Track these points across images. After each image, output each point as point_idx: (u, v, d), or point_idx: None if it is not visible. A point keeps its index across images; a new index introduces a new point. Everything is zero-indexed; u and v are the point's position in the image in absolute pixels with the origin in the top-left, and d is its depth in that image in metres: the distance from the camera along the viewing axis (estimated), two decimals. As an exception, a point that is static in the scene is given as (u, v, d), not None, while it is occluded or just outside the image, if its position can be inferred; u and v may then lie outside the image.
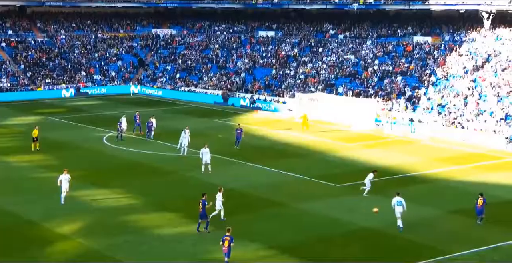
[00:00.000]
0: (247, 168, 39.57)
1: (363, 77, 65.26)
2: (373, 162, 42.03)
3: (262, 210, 31.69)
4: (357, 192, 34.37)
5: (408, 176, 38.70)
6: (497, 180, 37.34)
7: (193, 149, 44.75)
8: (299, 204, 32.74)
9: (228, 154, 42.80)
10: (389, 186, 35.63)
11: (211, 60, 79.97)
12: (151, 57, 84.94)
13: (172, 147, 45.45)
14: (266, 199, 33.28)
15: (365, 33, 74.38)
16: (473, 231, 29.40)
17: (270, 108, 63.66)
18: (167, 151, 44.19)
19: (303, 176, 37.78)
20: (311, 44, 76.27)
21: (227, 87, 71.41)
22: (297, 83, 68.11)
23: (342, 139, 49.63)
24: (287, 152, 44.81)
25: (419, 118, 54.26)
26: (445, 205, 33.09)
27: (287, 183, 36.78)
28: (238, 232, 28.06)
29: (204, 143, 39.65)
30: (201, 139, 47.55)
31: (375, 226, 29.62)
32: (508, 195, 35.05)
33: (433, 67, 62.65)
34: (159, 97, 73.12)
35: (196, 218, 29.59)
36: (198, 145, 45.38)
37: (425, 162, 42.31)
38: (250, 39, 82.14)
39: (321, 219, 30.56)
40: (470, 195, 34.64)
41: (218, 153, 42.60)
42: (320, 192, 34.90)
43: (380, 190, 34.09)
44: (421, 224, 30.12)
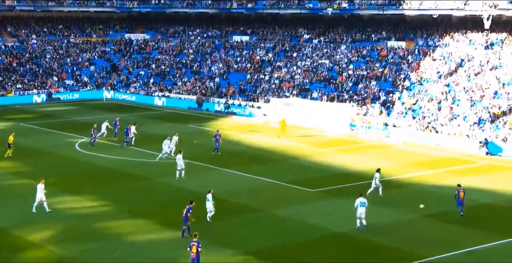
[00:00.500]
0: (222, 174, 39.57)
1: (338, 82, 65.65)
2: (348, 167, 42.26)
3: (238, 215, 31.69)
4: (331, 197, 34.48)
5: (382, 181, 38.93)
6: (471, 184, 37.77)
7: (170, 155, 44.59)
8: (274, 209, 32.79)
9: (203, 160, 42.73)
10: (364, 190, 35.81)
11: (185, 65, 79.87)
12: (124, 62, 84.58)
13: (146, 153, 45.29)
14: (242, 204, 33.29)
15: (339, 38, 74.86)
16: (448, 235, 29.69)
17: (245, 113, 63.74)
18: (141, 157, 44.00)
19: (278, 182, 37.86)
20: (285, 49, 76.56)
21: (201, 92, 71.36)
22: (272, 88, 68.31)
23: (316, 144, 49.83)
24: (262, 157, 44.88)
25: (393, 122, 54.70)
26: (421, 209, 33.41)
27: (262, 188, 36.82)
28: (214, 238, 28.03)
29: (178, 149, 39.65)
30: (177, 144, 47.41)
31: (351, 231, 29.78)
32: (482, 199, 35.48)
33: (407, 71, 63.25)
34: (133, 103, 72.80)
35: (170, 224, 29.53)
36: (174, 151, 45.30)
37: (399, 167, 42.65)
38: (225, 44, 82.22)
39: (296, 224, 30.64)
40: (445, 199, 35.04)
41: (194, 158, 42.52)
42: (295, 197, 34.98)
43: (355, 194, 34.23)
44: (396, 228, 30.35)
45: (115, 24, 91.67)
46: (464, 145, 48.57)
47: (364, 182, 38.09)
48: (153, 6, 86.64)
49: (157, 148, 46.40)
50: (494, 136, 48.35)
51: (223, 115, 64.16)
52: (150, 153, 45.30)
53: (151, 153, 45.19)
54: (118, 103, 73.07)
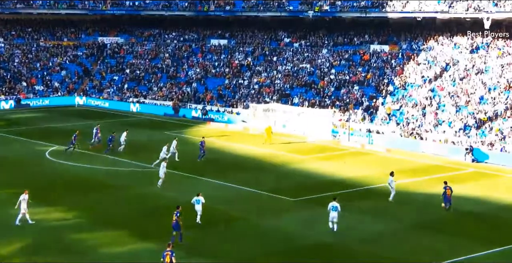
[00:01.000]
0: (200, 183, 39.67)
1: (319, 86, 66.09)
2: (329, 174, 42.59)
3: (216, 226, 31.83)
4: (312, 206, 34.74)
5: (366, 189, 39.32)
6: (457, 192, 38.23)
7: (145, 164, 44.66)
8: (253, 219, 32.99)
9: (181, 168, 42.76)
10: (346, 199, 36.17)
11: (160, 69, 79.91)
12: (97, 67, 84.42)
13: (121, 161, 45.29)
14: (220, 214, 33.43)
15: (321, 42, 75.38)
16: (433, 244, 30.06)
17: (223, 120, 63.91)
18: (116, 166, 43.98)
19: (258, 190, 38.05)
20: (265, 52, 76.92)
21: (178, 98, 71.43)
22: (251, 93, 68.57)
23: (297, 151, 50.11)
24: (241, 165, 45.06)
25: (377, 129, 55.17)
26: (404, 218, 33.77)
27: (241, 197, 36.99)
28: (192, 247, 28.13)
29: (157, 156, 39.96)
30: (152, 152, 47.47)
31: (331, 240, 30.07)
32: (468, 207, 35.92)
33: (391, 76, 63.84)
34: (106, 109, 72.65)
35: (146, 235, 29.62)
36: (149, 159, 45.35)
37: (383, 175, 42.81)
38: (202, 48, 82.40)
39: (276, 234, 30.85)
40: (430, 207, 35.47)
41: (171, 167, 42.62)
42: (275, 207, 35.19)
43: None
44: (380, 237, 30.66)
45: (87, 27, 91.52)
46: (449, 152, 49.15)
47: (347, 190, 38.44)
48: (127, 8, 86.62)
49: (132, 156, 46.44)
50: (480, 143, 48.99)
51: (201, 121, 64.24)
52: (125, 161, 45.29)
53: (126, 161, 45.19)
54: (90, 109, 72.86)
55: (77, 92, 77.97)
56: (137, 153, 47.81)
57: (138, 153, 47.65)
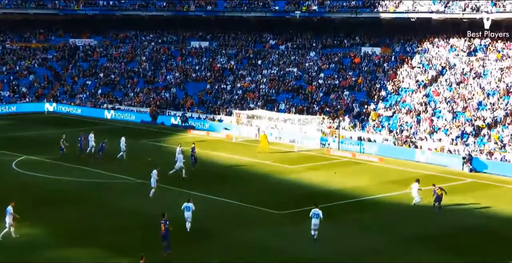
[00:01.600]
0: (181, 195, 39.44)
1: (307, 92, 66.19)
2: (318, 185, 42.60)
3: (197, 241, 31.70)
4: (299, 220, 34.68)
5: (357, 201, 39.33)
6: (454, 204, 38.34)
7: (120, 175, 44.44)
8: (237, 233, 32.88)
9: (160, 180, 42.56)
10: (336, 212, 36.19)
11: (137, 73, 79.71)
12: (68, 71, 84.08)
13: (94, 172, 45.04)
14: (202, 229, 33.28)
15: (308, 44, 75.54)
16: (430, 258, 30.05)
17: (205, 127, 63.82)
18: (90, 177, 43.72)
19: (242, 203, 37.97)
20: (249, 55, 76.97)
21: (155, 104, 71.27)
22: (234, 99, 68.55)
23: (284, 160, 50.09)
24: (224, 176, 44.96)
25: (368, 136, 55.30)
26: (398, 232, 33.79)
27: (224, 210, 36.88)
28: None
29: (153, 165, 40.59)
30: (127, 163, 47.29)
31: (318, 256, 30.00)
32: (466, 221, 35.96)
33: (383, 80, 64.07)
34: (78, 116, 72.31)
35: (121, 251, 29.40)
36: (124, 169, 45.12)
37: (375, 185, 43.08)
38: (181, 50, 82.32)
39: (260, 249, 30.77)
40: (425, 220, 35.52)
41: (148, 178, 42.49)
42: (260, 220, 35.15)
43: (326, 217, 34.51)
44: (371, 252, 30.63)
45: (57, 28, 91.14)
46: (446, 161, 49.32)
47: (336, 202, 38.42)
48: (101, 8, 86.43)
49: (106, 167, 46.17)
50: (478, 152, 49.20)
51: (180, 129, 64.11)
52: (99, 172, 45.06)
53: (100, 172, 44.96)
54: (61, 116, 72.48)
55: (47, 98, 77.57)
56: (111, 163, 47.56)
57: (112, 164, 47.41)
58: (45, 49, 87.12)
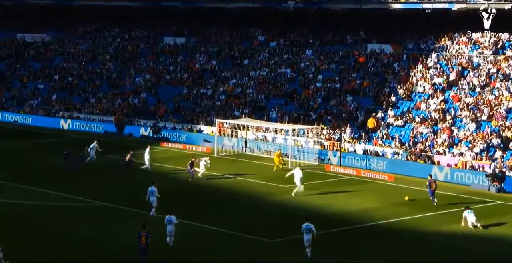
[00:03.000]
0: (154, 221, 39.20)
1: (303, 97, 66.17)
2: (317, 208, 42.47)
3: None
4: (293, 249, 34.58)
5: (363, 227, 39.24)
6: (478, 230, 38.31)
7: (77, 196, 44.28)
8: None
9: (128, 202, 42.53)
10: (337, 241, 36.11)
11: (100, 75, 79.53)
12: (16, 72, 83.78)
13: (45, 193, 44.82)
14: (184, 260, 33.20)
15: (304, 40, 75.56)
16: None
17: (181, 139, 63.65)
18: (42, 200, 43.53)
19: (226, 230, 37.80)
20: (233, 54, 76.95)
21: (122, 111, 71.07)
22: (216, 105, 68.46)
23: (276, 179, 49.93)
24: (205, 198, 44.82)
25: (376, 150, 55.30)
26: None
27: (206, 239, 36.70)
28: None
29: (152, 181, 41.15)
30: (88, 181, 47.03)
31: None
32: (493, 250, 35.82)
33: (393, 83, 64.10)
34: (29, 126, 71.94)
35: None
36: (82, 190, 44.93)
37: (384, 208, 43.00)
38: (153, 48, 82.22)
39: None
40: (445, 249, 35.49)
41: (112, 201, 42.37)
42: (248, 251, 35.01)
43: (324, 246, 34.48)
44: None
45: (2, 20, 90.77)
46: (468, 180, 49.37)
47: (337, 228, 38.34)
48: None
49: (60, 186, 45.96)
50: (507, 168, 49.28)
51: (152, 141, 63.77)
52: (51, 193, 44.89)
53: (52, 193, 44.78)
54: (7, 126, 72.09)
55: (-9, 105, 77.32)
56: (68, 182, 47.36)
57: (68, 183, 47.21)
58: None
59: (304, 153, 56.49)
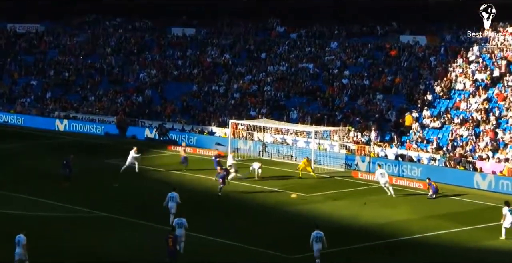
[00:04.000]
0: (162, 234, 39.34)
1: (327, 95, 66.18)
2: (341, 220, 42.58)
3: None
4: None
5: (393, 242, 39.16)
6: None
7: (74, 206, 44.43)
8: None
9: (132, 213, 42.75)
10: (365, 257, 36.05)
11: (100, 70, 79.73)
12: (6, 67, 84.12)
13: (38, 202, 45.07)
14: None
15: (329, 31, 75.56)
16: None
17: (191, 142, 63.71)
18: (34, 210, 43.71)
19: (243, 244, 37.82)
20: (249, 47, 77.01)
21: (124, 111, 71.23)
22: (230, 104, 68.54)
23: (297, 187, 50.05)
24: (219, 209, 44.92)
25: (409, 155, 55.23)
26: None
27: (220, 254, 36.80)
28: None
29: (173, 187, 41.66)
30: (85, 190, 47.18)
31: None
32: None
33: (429, 80, 64.01)
34: (20, 127, 72.30)
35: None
36: (79, 200, 45.09)
37: (419, 220, 42.96)
38: (159, 40, 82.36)
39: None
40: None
41: (113, 211, 42.55)
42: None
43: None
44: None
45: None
46: (515, 189, 49.41)
47: (365, 243, 38.31)
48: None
49: (55, 195, 46.14)
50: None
51: (158, 144, 63.95)
52: (45, 202, 45.11)
53: (47, 202, 45.00)
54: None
55: (-22, 104, 77.71)
56: (63, 190, 47.61)
57: (63, 191, 47.45)
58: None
59: (328, 158, 56.48)
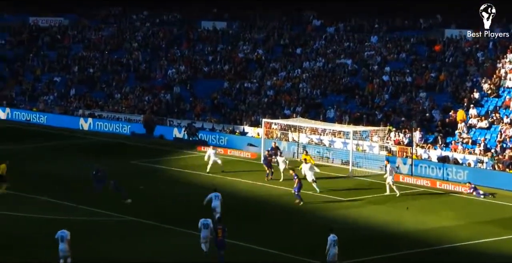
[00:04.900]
0: (190, 239, 39.32)
1: (367, 93, 66.00)
2: (382, 226, 42.49)
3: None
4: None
5: (438, 249, 38.94)
6: None
7: (100, 210, 44.53)
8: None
9: (158, 216, 42.78)
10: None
11: (126, 67, 79.95)
12: (28, 62, 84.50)
13: (57, 204, 45.26)
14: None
15: (368, 25, 75.37)
16: None
17: (221, 143, 63.76)
18: (53, 213, 43.82)
19: (276, 251, 37.70)
20: (283, 41, 76.90)
21: (152, 109, 71.37)
22: (263, 102, 68.49)
23: (334, 190, 49.96)
24: (252, 214, 44.85)
25: (455, 157, 54.92)
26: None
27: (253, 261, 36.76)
28: None
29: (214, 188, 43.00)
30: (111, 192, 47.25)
31: None
32: None
33: (476, 77, 63.69)
34: (43, 126, 72.59)
35: None
36: (106, 202, 45.14)
37: (465, 226, 42.75)
38: (188, 34, 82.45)
39: None
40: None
41: (139, 215, 42.56)
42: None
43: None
44: None
45: (13, 2, 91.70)
46: None
47: (408, 251, 38.11)
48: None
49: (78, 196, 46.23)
50: None
51: (186, 145, 64.04)
52: (65, 204, 45.27)
53: (66, 205, 45.15)
54: (18, 126, 72.88)
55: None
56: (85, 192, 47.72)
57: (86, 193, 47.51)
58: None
59: (367, 159, 56.28)
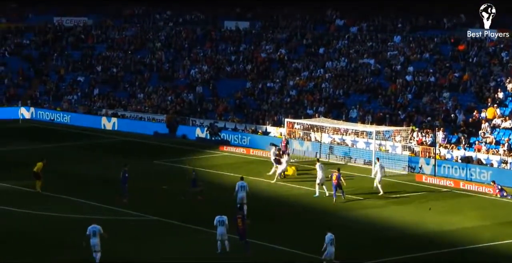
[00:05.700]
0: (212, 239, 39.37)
1: (390, 93, 65.84)
2: (405, 226, 42.36)
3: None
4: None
5: (462, 250, 38.81)
6: None
7: (122, 209, 44.66)
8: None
9: (180, 216, 42.88)
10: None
11: (149, 66, 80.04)
12: (52, 62, 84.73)
13: (79, 203, 45.34)
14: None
15: (391, 24, 75.15)
16: None
17: (244, 142, 63.77)
18: (78, 212, 43.96)
19: (299, 251, 37.67)
20: (306, 41, 76.82)
21: (174, 109, 71.44)
22: (286, 102, 68.43)
23: (356, 190, 49.90)
24: (274, 214, 44.83)
25: (479, 157, 54.73)
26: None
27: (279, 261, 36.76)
28: None
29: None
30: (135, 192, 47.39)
31: None
32: None
33: (501, 77, 63.44)
34: (67, 126, 72.80)
35: None
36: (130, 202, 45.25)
37: (490, 227, 42.55)
38: (211, 34, 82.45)
39: None
40: None
41: (164, 215, 42.67)
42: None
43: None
44: None
45: (37, 1, 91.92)
46: None
47: (431, 251, 38.02)
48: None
49: (101, 198, 46.36)
50: None
51: (209, 145, 64.07)
52: (84, 203, 45.50)
53: (91, 204, 45.29)
54: (42, 126, 73.09)
55: (22, 101, 78.21)
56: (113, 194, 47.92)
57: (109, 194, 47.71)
58: (19, 32, 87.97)
59: (390, 160, 56.10)
